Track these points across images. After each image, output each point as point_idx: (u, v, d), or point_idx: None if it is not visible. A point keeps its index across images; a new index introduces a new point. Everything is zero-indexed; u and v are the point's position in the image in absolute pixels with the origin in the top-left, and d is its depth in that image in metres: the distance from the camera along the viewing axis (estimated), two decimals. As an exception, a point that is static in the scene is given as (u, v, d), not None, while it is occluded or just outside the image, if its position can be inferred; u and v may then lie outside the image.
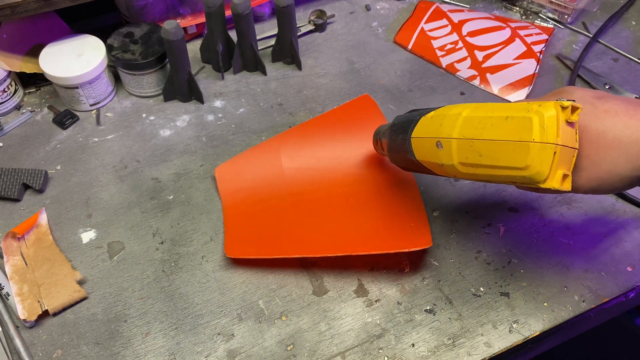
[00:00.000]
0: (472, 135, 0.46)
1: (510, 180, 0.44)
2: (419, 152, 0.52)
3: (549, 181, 0.42)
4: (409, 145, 0.53)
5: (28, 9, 0.67)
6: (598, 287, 0.59)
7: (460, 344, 0.55)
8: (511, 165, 0.43)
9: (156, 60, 0.72)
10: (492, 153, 0.44)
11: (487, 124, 0.45)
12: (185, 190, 0.67)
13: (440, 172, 0.51)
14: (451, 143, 0.47)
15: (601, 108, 0.45)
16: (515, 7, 0.89)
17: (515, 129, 0.43)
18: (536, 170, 0.42)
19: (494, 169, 0.45)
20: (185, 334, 0.56)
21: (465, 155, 0.47)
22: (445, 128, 0.48)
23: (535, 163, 0.41)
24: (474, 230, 0.63)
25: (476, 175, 0.47)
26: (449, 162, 0.48)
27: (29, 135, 0.72)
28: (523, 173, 0.42)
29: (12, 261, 0.59)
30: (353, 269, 0.60)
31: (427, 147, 0.50)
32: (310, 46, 0.83)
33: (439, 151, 0.49)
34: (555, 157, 0.41)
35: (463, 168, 0.47)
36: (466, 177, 0.49)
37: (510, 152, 0.43)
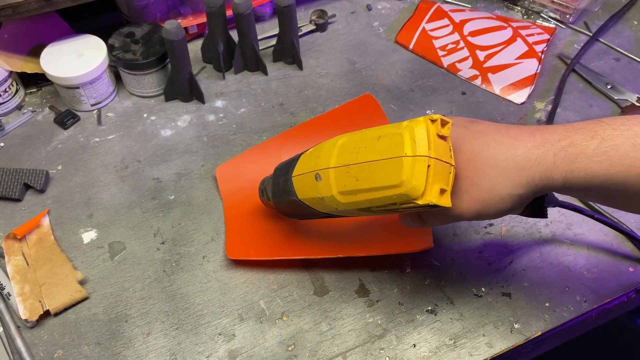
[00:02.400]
0: (348, 161, 0.45)
1: (389, 200, 0.43)
2: (300, 191, 0.51)
3: (426, 196, 0.41)
4: (290, 185, 0.52)
5: (29, 9, 0.67)
6: (599, 287, 0.59)
7: (461, 344, 0.55)
8: (387, 184, 0.42)
9: (157, 60, 0.72)
10: (367, 175, 0.44)
11: (361, 147, 0.45)
12: (186, 190, 0.67)
13: (322, 209, 0.50)
14: (329, 173, 0.47)
15: (474, 129, 0.45)
16: (517, 7, 0.88)
17: (388, 147, 0.43)
18: (411, 186, 0.41)
19: (372, 191, 0.44)
20: (187, 334, 0.56)
21: (343, 183, 0.46)
22: (322, 159, 0.48)
23: (409, 178, 0.41)
24: (475, 231, 0.63)
25: (356, 203, 0.45)
26: (328, 193, 0.47)
27: (30, 135, 0.72)
28: (399, 190, 0.41)
29: (13, 261, 0.59)
30: (354, 269, 0.60)
31: (307, 182, 0.49)
32: (311, 46, 0.83)
33: (318, 184, 0.48)
34: (430, 170, 0.41)
35: (342, 197, 0.46)
36: (347, 209, 0.47)
37: (384, 171, 0.42)
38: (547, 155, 0.42)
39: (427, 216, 0.49)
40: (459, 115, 0.74)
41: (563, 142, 0.42)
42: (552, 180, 0.43)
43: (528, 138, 0.43)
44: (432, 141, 0.41)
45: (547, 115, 0.74)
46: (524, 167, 0.43)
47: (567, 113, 0.74)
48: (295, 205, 0.52)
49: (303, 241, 0.60)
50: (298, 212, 0.54)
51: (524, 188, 0.43)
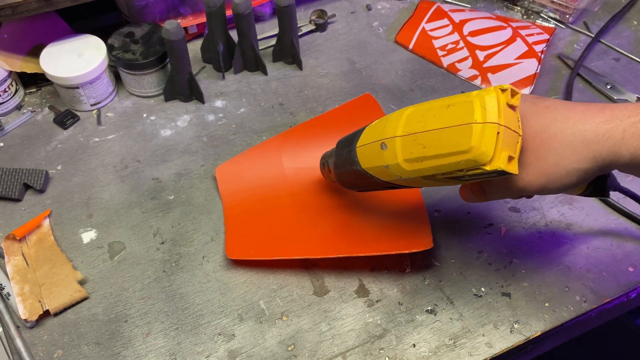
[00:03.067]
0: (415, 130, 0.45)
1: (456, 167, 0.43)
2: (364, 160, 0.51)
3: (494, 161, 0.41)
4: (354, 155, 0.52)
5: (29, 9, 0.67)
6: (599, 287, 0.59)
7: (461, 345, 0.55)
8: (455, 150, 0.42)
9: (157, 60, 0.72)
10: (435, 142, 0.44)
11: (429, 115, 0.45)
12: (186, 190, 0.67)
13: (386, 177, 0.50)
14: (395, 142, 0.47)
15: (541, 104, 0.45)
16: (517, 7, 0.88)
17: (457, 115, 0.43)
18: (480, 151, 0.41)
19: (439, 158, 0.44)
20: (186, 334, 0.56)
21: (409, 151, 0.46)
22: (388, 129, 0.48)
23: (479, 144, 0.41)
24: (475, 231, 0.63)
25: (421, 170, 0.45)
26: (393, 161, 0.47)
27: (30, 135, 0.72)
28: (467, 156, 0.42)
29: (13, 261, 0.59)
30: (354, 269, 0.60)
31: (372, 151, 0.49)
32: (311, 46, 0.83)
33: (384, 152, 0.48)
34: (499, 137, 0.41)
35: (408, 165, 0.46)
36: (411, 177, 0.47)
37: (453, 138, 0.43)
38: (616, 131, 0.42)
39: (490, 188, 0.48)
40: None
41: (633, 119, 0.42)
42: (619, 156, 0.42)
43: (597, 113, 0.43)
44: (502, 109, 0.42)
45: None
46: (592, 141, 0.42)
47: (566, 113, 0.74)
48: (358, 175, 0.52)
49: (303, 241, 0.60)
50: (360, 183, 0.54)
51: (590, 163, 0.43)
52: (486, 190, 0.49)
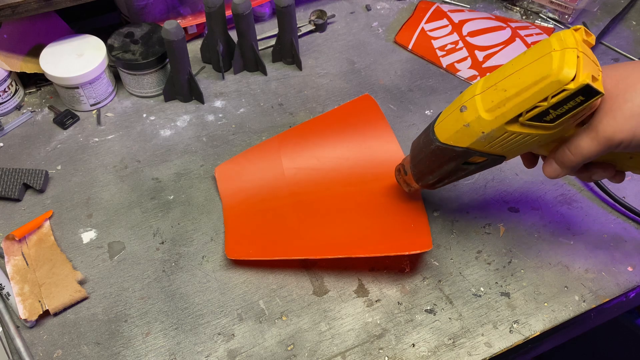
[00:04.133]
0: (494, 81, 0.45)
1: (540, 96, 0.42)
2: (443, 132, 0.50)
3: (578, 78, 0.40)
4: (431, 134, 0.51)
5: (29, 9, 0.67)
6: (598, 287, 0.59)
7: (460, 344, 0.55)
8: (537, 78, 0.42)
9: (156, 61, 0.72)
10: (516, 81, 0.44)
11: (506, 67, 0.46)
12: (186, 190, 0.67)
13: (467, 141, 0.48)
14: (475, 100, 0.47)
15: (616, 64, 0.46)
16: (516, 7, 0.89)
17: (535, 53, 0.43)
18: (563, 70, 0.41)
19: (521, 94, 0.43)
20: (186, 334, 0.56)
21: (490, 100, 0.45)
22: (466, 94, 0.48)
23: (560, 65, 0.41)
24: (474, 230, 0.63)
25: (504, 115, 0.45)
26: (474, 115, 0.46)
27: (30, 135, 0.72)
28: (551, 79, 0.41)
29: (13, 261, 0.59)
30: (353, 269, 0.60)
31: (451, 119, 0.49)
32: (310, 46, 0.83)
33: (464, 114, 0.47)
34: (580, 60, 0.41)
35: (489, 115, 0.45)
36: (493, 128, 0.46)
37: (534, 70, 0.43)
38: None
39: (577, 143, 0.46)
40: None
41: None
42: None
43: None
44: (579, 41, 0.42)
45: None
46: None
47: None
48: (437, 155, 0.51)
49: (302, 242, 0.60)
50: (439, 165, 0.52)
51: None
52: (571, 149, 0.47)
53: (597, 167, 0.51)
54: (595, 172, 0.51)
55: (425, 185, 0.57)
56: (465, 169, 0.52)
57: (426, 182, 0.56)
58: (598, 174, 0.51)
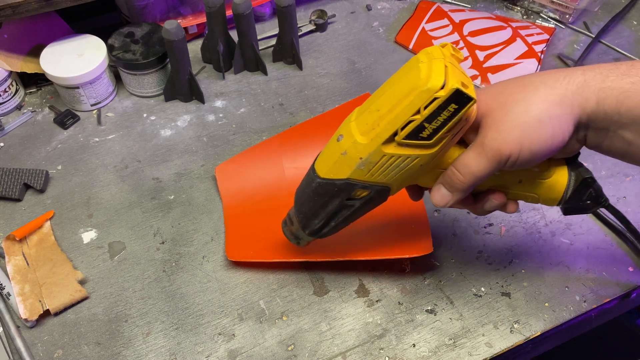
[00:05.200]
0: (368, 105, 0.44)
1: (412, 109, 0.41)
2: (321, 168, 0.47)
3: (448, 84, 0.39)
4: (312, 172, 0.48)
5: (29, 9, 0.67)
6: (599, 287, 0.59)
7: (461, 344, 0.55)
8: (407, 91, 0.41)
9: (157, 60, 0.72)
10: (388, 100, 0.42)
11: (380, 89, 0.45)
12: (186, 190, 0.67)
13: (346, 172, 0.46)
14: (350, 127, 0.45)
15: (486, 87, 0.45)
16: (517, 7, 0.88)
17: (404, 70, 0.43)
18: (431, 79, 0.40)
19: (393, 110, 0.42)
20: (186, 334, 0.56)
21: (364, 123, 0.44)
22: (343, 125, 0.46)
23: (428, 74, 0.40)
24: (475, 230, 0.63)
25: (379, 135, 0.43)
26: (350, 142, 0.44)
27: (30, 135, 0.72)
28: (420, 89, 0.40)
29: (13, 261, 0.59)
30: (354, 269, 0.60)
31: (329, 153, 0.47)
32: (311, 46, 0.83)
33: (340, 142, 0.45)
34: (448, 69, 0.40)
35: (365, 138, 0.43)
36: (370, 151, 0.44)
37: (403, 85, 0.42)
38: (574, 74, 0.42)
39: (463, 163, 0.44)
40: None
41: (591, 68, 0.42)
42: (585, 99, 0.41)
43: (553, 72, 0.43)
44: (447, 55, 0.42)
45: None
46: (554, 86, 0.42)
47: (566, 113, 0.74)
48: (317, 194, 0.48)
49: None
50: (320, 206, 0.49)
51: (560, 108, 0.41)
52: (460, 168, 0.44)
53: (487, 194, 0.48)
54: (487, 201, 0.48)
55: (312, 232, 0.52)
56: (350, 205, 0.48)
57: (313, 228, 0.52)
58: (489, 202, 0.48)
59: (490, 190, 0.48)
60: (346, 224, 0.51)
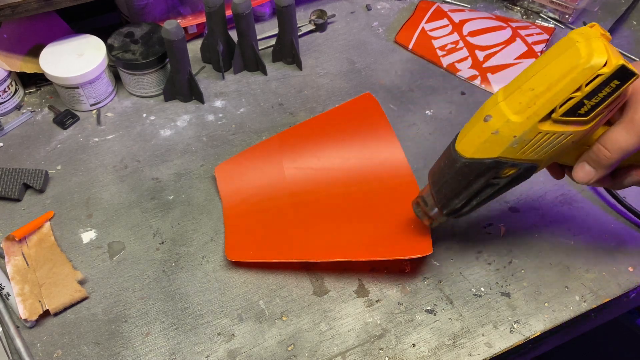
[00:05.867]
0: (518, 85, 0.45)
1: (573, 86, 0.41)
2: (467, 147, 0.48)
3: (611, 60, 0.40)
4: (454, 153, 0.49)
5: (29, 9, 0.67)
6: (599, 287, 0.59)
7: (461, 344, 0.55)
8: (567, 69, 0.42)
9: (157, 60, 0.72)
10: (543, 79, 0.43)
11: (527, 70, 0.45)
12: (186, 190, 0.67)
13: (497, 151, 0.46)
14: (499, 107, 0.45)
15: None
16: (516, 7, 0.88)
17: (557, 51, 0.43)
18: (594, 57, 0.40)
19: (552, 89, 0.42)
20: (186, 334, 0.56)
21: (517, 102, 0.44)
22: (487, 106, 0.47)
23: (590, 52, 0.41)
24: (474, 230, 0.63)
25: (536, 113, 0.43)
26: (502, 121, 0.45)
27: (30, 135, 0.72)
28: (583, 66, 0.41)
29: (13, 261, 0.59)
30: (354, 269, 0.60)
31: (475, 133, 0.47)
32: (310, 46, 0.83)
33: (489, 122, 0.45)
34: (607, 47, 0.41)
35: (519, 117, 0.44)
36: (525, 130, 0.44)
37: (562, 64, 0.42)
38: None
39: (611, 139, 0.44)
40: (459, 114, 0.74)
41: None
42: None
43: None
44: (600, 34, 0.42)
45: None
46: None
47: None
48: (462, 174, 0.49)
49: (302, 243, 0.60)
50: (464, 186, 0.50)
51: None
52: (607, 145, 0.44)
53: (629, 170, 0.48)
54: (628, 176, 0.48)
55: (451, 211, 0.52)
56: (495, 184, 0.49)
57: (453, 208, 0.52)
58: (630, 178, 0.48)
59: (631, 165, 0.48)
60: (486, 203, 0.52)
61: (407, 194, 0.64)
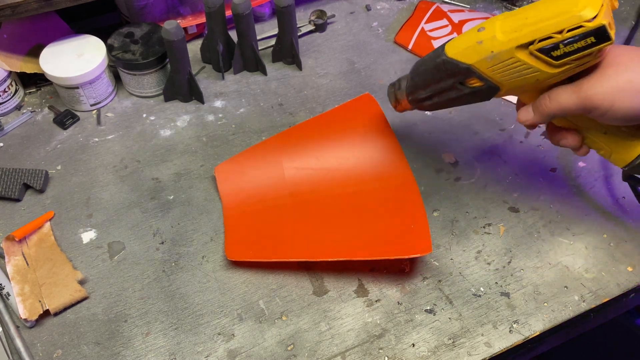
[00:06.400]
0: (518, 12, 0.48)
1: (557, 27, 0.45)
2: (451, 49, 0.52)
3: (598, 18, 0.43)
4: (440, 49, 0.53)
5: (29, 9, 0.67)
6: (598, 287, 0.59)
7: (460, 344, 0.55)
8: (560, 11, 0.45)
9: (156, 61, 0.72)
10: (538, 12, 0.46)
11: (530, 5, 0.48)
12: (186, 190, 0.67)
13: (473, 58, 0.50)
14: (494, 23, 0.49)
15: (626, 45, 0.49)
16: (515, 7, 0.88)
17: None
18: (586, 8, 0.43)
19: (540, 23, 0.46)
20: (186, 334, 0.56)
21: (509, 24, 0.48)
22: (487, 21, 0.50)
23: (585, 4, 0.44)
24: (474, 230, 0.63)
25: (517, 38, 0.47)
26: (489, 35, 0.48)
27: (30, 135, 0.72)
28: (572, 13, 0.44)
29: (13, 261, 0.59)
30: (353, 269, 0.60)
31: (464, 38, 0.51)
32: (310, 46, 0.83)
33: (480, 33, 0.49)
34: (603, 7, 0.44)
35: (504, 36, 0.47)
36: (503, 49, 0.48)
37: (559, 5, 0.45)
38: None
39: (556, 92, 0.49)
40: (458, 114, 0.74)
41: None
42: None
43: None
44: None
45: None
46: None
47: (565, 113, 0.74)
48: (437, 69, 0.54)
49: (302, 243, 0.60)
50: (435, 81, 0.55)
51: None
52: (551, 96, 0.49)
53: (567, 132, 0.54)
54: (564, 138, 0.54)
55: (414, 100, 0.59)
56: (459, 90, 0.53)
57: (417, 97, 0.58)
58: (565, 140, 0.54)
59: (572, 129, 0.54)
60: (444, 107, 0.58)
61: (406, 194, 0.64)
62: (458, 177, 0.67)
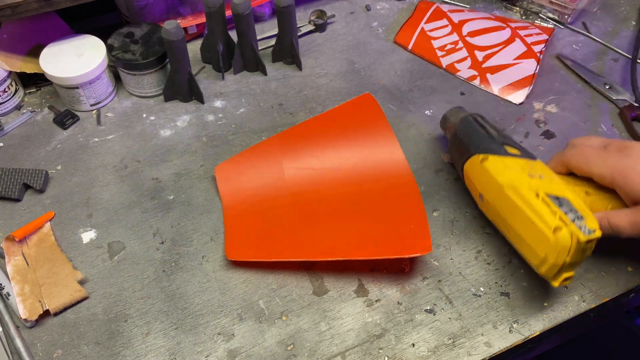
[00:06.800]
0: (504, 213, 0.55)
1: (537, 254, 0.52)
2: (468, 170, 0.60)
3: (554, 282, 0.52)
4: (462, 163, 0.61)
5: (29, 9, 0.67)
6: (598, 287, 0.59)
7: (460, 344, 0.55)
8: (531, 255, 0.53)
9: (156, 61, 0.72)
10: (517, 241, 0.54)
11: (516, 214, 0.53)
12: (186, 190, 0.67)
13: (470, 183, 0.61)
14: (489, 204, 0.56)
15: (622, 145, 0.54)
16: (515, 7, 0.89)
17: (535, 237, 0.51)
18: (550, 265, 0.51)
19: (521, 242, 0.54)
20: (186, 334, 0.56)
21: (494, 218, 0.57)
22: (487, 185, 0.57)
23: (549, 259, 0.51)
24: (474, 230, 0.63)
25: (495, 222, 0.58)
26: (483, 208, 0.59)
27: (30, 135, 0.72)
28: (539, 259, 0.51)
29: (13, 261, 0.59)
30: (353, 269, 0.60)
31: (471, 187, 0.60)
32: (310, 46, 0.83)
33: (479, 202, 0.59)
34: (563, 268, 0.50)
35: (494, 218, 0.57)
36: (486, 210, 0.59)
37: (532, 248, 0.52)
38: None
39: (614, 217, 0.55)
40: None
41: None
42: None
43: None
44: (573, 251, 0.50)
45: (545, 116, 0.74)
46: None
47: (565, 113, 0.74)
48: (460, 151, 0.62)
49: (302, 243, 0.60)
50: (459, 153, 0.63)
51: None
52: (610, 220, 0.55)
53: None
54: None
55: None
56: None
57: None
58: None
59: None
60: None
61: (406, 194, 0.64)
62: (458, 177, 0.67)
